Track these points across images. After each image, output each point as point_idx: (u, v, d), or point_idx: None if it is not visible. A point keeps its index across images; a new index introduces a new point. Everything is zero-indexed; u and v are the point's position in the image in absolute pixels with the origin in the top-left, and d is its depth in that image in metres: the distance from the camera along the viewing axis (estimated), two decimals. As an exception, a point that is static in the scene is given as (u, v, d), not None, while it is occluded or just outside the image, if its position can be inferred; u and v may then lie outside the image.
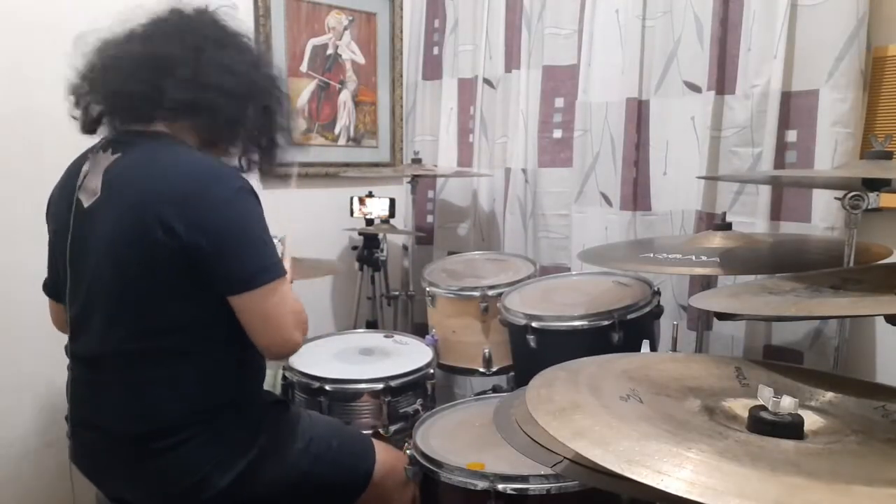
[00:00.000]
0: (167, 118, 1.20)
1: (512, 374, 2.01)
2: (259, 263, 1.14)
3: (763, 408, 0.80)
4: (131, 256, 1.13)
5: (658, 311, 1.71)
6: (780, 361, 1.09)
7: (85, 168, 1.23)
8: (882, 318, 1.04)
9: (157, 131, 1.20)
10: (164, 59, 1.17)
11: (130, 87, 1.17)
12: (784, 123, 1.73)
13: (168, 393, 1.18)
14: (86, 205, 1.19)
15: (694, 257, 1.44)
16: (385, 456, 1.43)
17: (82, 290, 1.21)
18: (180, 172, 1.14)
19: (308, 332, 1.24)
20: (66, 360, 1.30)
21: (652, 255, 1.52)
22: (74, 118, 1.26)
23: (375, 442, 1.47)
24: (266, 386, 1.40)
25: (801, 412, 0.80)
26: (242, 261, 1.13)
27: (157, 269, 1.12)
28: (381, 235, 2.43)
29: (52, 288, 1.35)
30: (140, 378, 1.18)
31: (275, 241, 1.20)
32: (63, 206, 1.24)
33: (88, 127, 1.25)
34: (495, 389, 2.13)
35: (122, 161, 1.18)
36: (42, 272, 1.39)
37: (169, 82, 1.16)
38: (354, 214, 2.50)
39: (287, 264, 1.24)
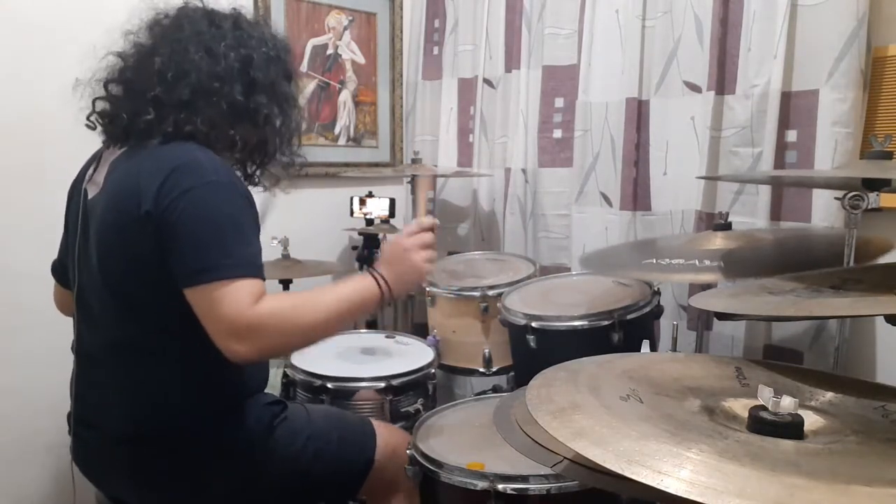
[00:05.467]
0: (148, 129, 1.19)
1: (512, 374, 2.01)
2: (204, 260, 1.06)
3: (763, 408, 0.80)
4: (112, 241, 1.14)
5: (658, 311, 1.71)
6: (780, 361, 1.09)
7: (97, 162, 1.25)
8: (882, 318, 1.04)
9: (151, 133, 1.19)
10: (180, 73, 1.17)
11: (143, 115, 1.17)
12: (784, 123, 1.73)
13: (165, 393, 1.18)
14: (90, 196, 1.21)
15: (697, 262, 1.43)
16: (387, 440, 1.42)
17: (84, 282, 1.22)
18: (165, 163, 1.12)
19: (264, 338, 1.07)
20: (66, 361, 1.30)
21: (655, 260, 1.51)
22: (89, 125, 1.27)
23: (377, 424, 1.45)
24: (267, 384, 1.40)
25: (801, 412, 0.80)
26: (190, 255, 1.07)
27: (132, 256, 1.12)
28: (381, 235, 2.43)
29: (61, 272, 1.36)
30: (137, 377, 1.18)
31: (274, 241, 1.20)
32: (74, 199, 1.27)
33: (109, 141, 1.26)
34: (495, 389, 2.12)
35: (126, 154, 1.20)
36: (42, 273, 1.40)
37: (132, 101, 1.18)
38: (354, 214, 2.50)
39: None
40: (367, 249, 2.46)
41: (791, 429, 0.78)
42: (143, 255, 1.11)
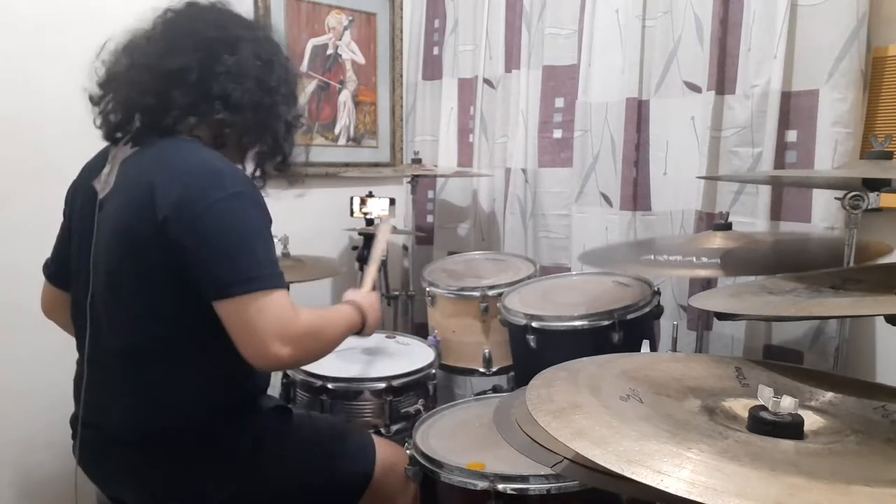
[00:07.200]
0: (183, 124, 1.19)
1: (512, 374, 2.01)
2: (240, 272, 1.09)
3: (763, 408, 0.80)
4: (126, 246, 1.14)
5: (658, 311, 1.71)
6: (780, 361, 1.09)
7: (104, 160, 1.25)
8: (882, 318, 1.04)
9: (177, 130, 1.20)
10: (177, 69, 1.17)
11: (146, 101, 1.18)
12: (784, 123, 1.73)
13: (168, 396, 1.17)
14: (100, 195, 1.21)
15: (695, 259, 1.44)
16: (386, 454, 1.43)
17: (91, 282, 1.21)
18: (184, 170, 1.13)
19: (306, 346, 1.16)
20: (66, 361, 1.30)
21: (653, 257, 1.52)
22: (97, 127, 1.26)
23: (376, 439, 1.46)
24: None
25: (801, 412, 0.80)
26: (223, 268, 1.09)
27: (145, 262, 1.12)
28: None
29: (55, 272, 1.35)
30: (141, 379, 1.18)
31: (274, 241, 1.20)
32: (80, 196, 1.26)
33: (108, 135, 1.26)
34: (495, 389, 2.13)
35: (138, 155, 1.19)
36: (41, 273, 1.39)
37: (180, 92, 1.17)
38: (354, 214, 2.50)
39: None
40: (367, 249, 2.46)
41: (791, 429, 0.78)
42: (156, 262, 1.11)
